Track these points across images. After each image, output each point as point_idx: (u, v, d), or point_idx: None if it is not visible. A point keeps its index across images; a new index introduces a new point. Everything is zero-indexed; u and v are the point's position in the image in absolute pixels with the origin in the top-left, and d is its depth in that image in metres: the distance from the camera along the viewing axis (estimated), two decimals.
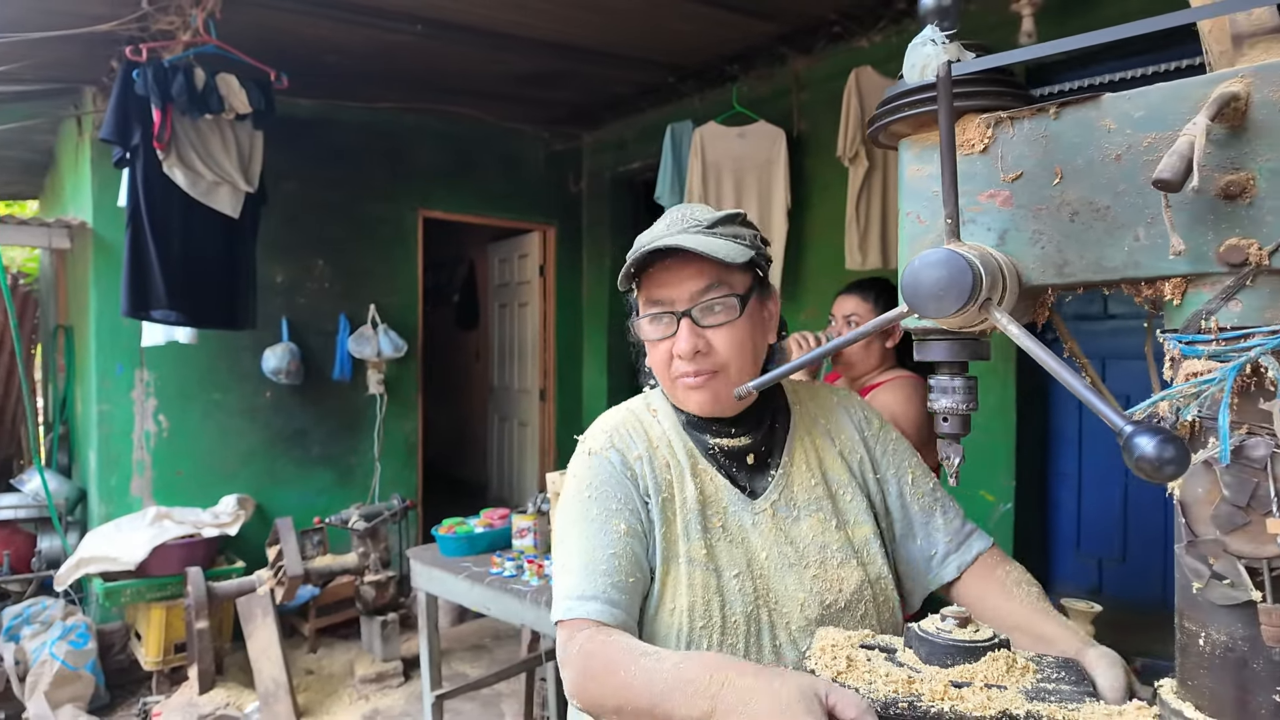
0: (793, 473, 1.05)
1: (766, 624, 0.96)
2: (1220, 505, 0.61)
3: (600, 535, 0.97)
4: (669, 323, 1.01)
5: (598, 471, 1.02)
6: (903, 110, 0.77)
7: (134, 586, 3.36)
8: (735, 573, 0.97)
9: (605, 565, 0.95)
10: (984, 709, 0.70)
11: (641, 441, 1.04)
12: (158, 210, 3.09)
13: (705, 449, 1.05)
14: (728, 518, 1.00)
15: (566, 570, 0.97)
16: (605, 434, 1.06)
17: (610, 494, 1.00)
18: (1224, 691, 0.64)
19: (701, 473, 1.03)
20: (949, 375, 0.77)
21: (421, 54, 3.67)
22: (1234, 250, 0.61)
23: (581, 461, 1.05)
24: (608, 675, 0.85)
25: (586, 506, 1.00)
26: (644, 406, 1.11)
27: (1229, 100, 0.60)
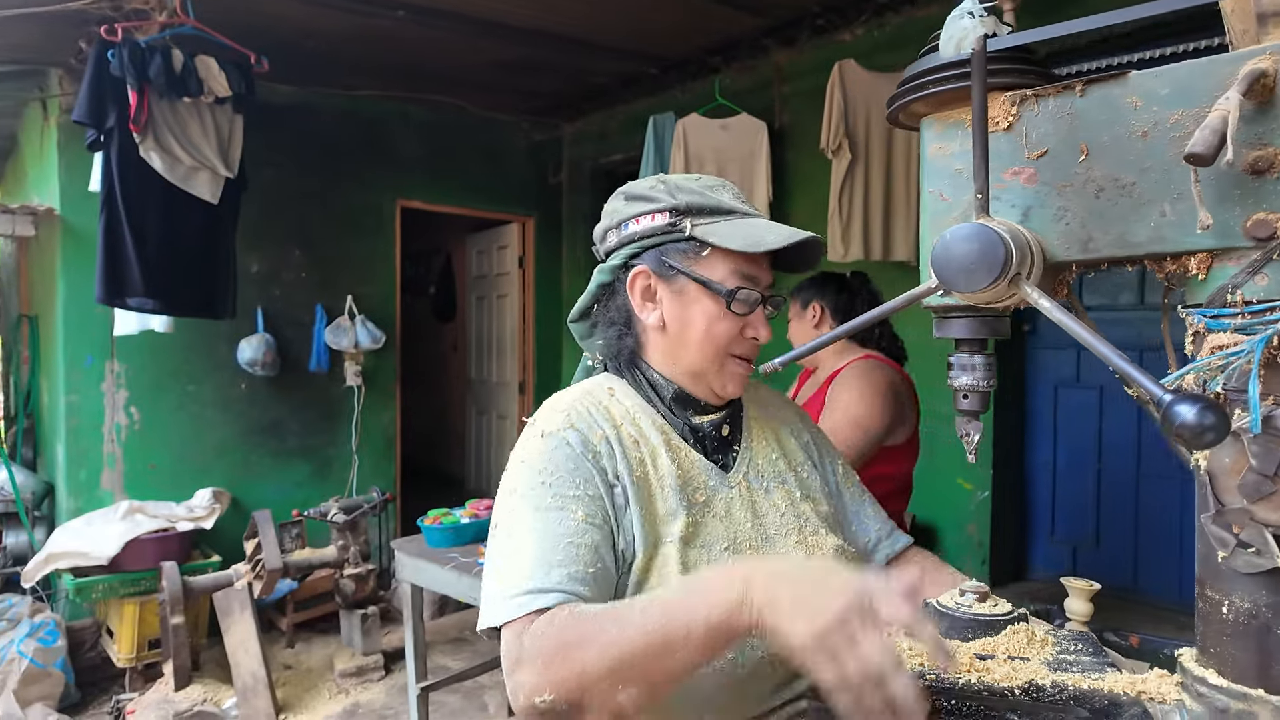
0: (755, 447, 1.06)
1: None
2: (1247, 474, 0.63)
3: (556, 525, 0.86)
4: (750, 303, 0.97)
5: (553, 454, 0.92)
6: (926, 88, 0.77)
7: (106, 582, 3.28)
8: (724, 546, 0.94)
9: (561, 555, 0.84)
10: (1010, 680, 0.71)
11: (605, 420, 0.96)
12: (133, 195, 3.00)
13: (682, 426, 1.01)
14: (708, 492, 0.97)
15: (513, 566, 0.84)
16: (561, 413, 0.97)
17: (567, 479, 0.90)
18: (1247, 657, 0.65)
19: (676, 449, 0.98)
20: (969, 353, 0.78)
21: (402, 40, 3.62)
22: (1261, 224, 0.62)
23: (532, 445, 0.94)
24: (584, 641, 0.74)
25: (539, 494, 0.89)
26: (599, 387, 1.02)
27: (1258, 77, 0.61)
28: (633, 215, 1.01)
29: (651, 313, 1.00)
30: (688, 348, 0.99)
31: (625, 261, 1.01)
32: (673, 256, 0.98)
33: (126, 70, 2.82)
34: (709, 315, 0.97)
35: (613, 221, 1.04)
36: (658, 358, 1.02)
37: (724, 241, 0.95)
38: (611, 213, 1.05)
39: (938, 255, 0.69)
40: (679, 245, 0.98)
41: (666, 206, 0.98)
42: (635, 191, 1.02)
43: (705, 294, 0.97)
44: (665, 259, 0.98)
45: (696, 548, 0.92)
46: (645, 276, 0.99)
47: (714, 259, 0.97)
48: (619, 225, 1.02)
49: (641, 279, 0.99)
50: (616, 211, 1.04)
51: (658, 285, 0.99)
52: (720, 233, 0.96)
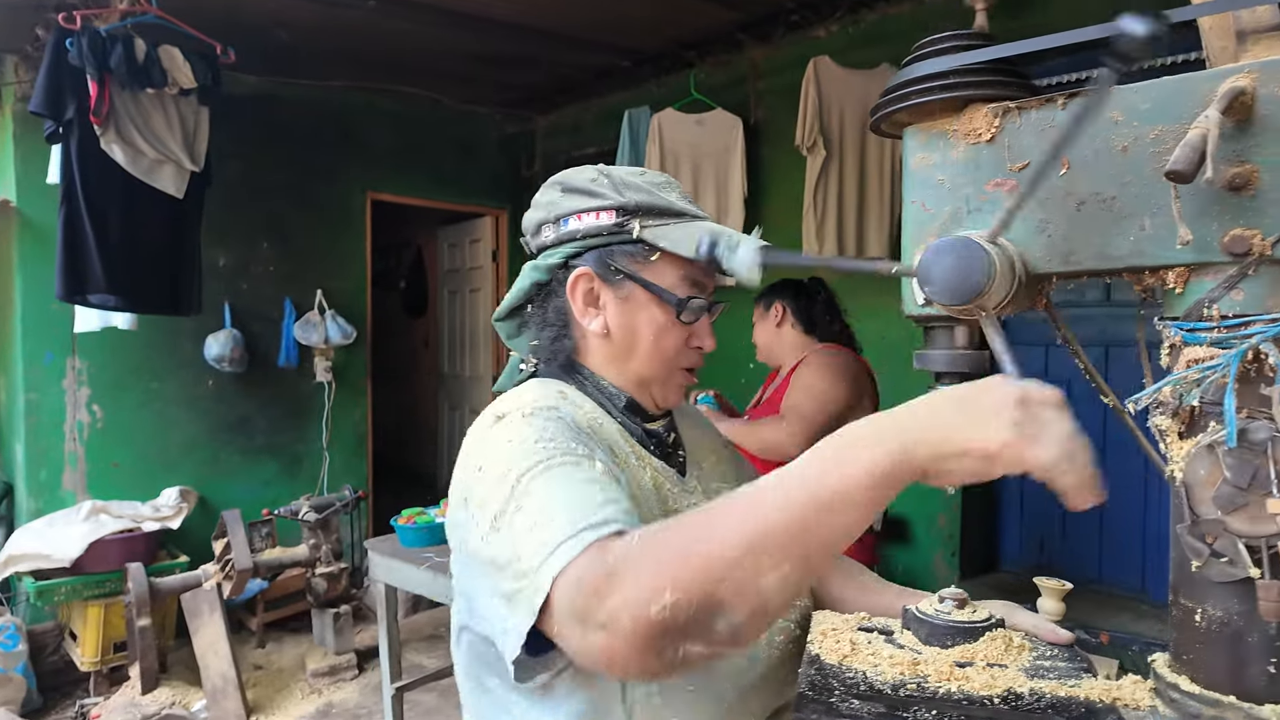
0: (693, 450, 1.03)
1: None
2: (1221, 486, 0.64)
3: (581, 472, 0.72)
4: (698, 311, 0.92)
5: (546, 424, 0.79)
6: (910, 99, 0.77)
7: (69, 584, 3.20)
8: None
9: (599, 497, 0.69)
10: (989, 688, 0.72)
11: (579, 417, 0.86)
12: (94, 188, 2.92)
13: (639, 433, 0.95)
14: (676, 500, 0.92)
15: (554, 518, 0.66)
16: (531, 399, 0.84)
17: (572, 444, 0.76)
18: (1219, 665, 0.66)
19: (642, 456, 0.92)
20: (951, 386, 0.78)
21: (373, 32, 3.55)
22: (1238, 240, 0.63)
23: (515, 426, 0.79)
24: (705, 529, 0.60)
25: (546, 456, 0.73)
26: (548, 391, 0.89)
27: (1237, 95, 0.62)
28: (573, 210, 0.92)
29: (594, 319, 0.92)
30: (634, 357, 0.93)
31: (564, 261, 0.93)
32: (619, 259, 0.91)
33: (86, 60, 2.74)
34: (657, 325, 0.91)
35: (549, 215, 0.94)
36: (599, 363, 0.95)
37: (675, 247, 0.88)
38: (547, 204, 0.95)
39: (925, 262, 0.69)
40: (626, 248, 0.90)
41: (613, 204, 0.90)
42: (575, 184, 0.93)
43: (654, 302, 0.91)
44: (611, 262, 0.91)
45: None
46: (588, 279, 0.91)
47: (663, 264, 0.90)
48: (557, 220, 0.93)
49: (584, 282, 0.91)
50: (554, 204, 0.94)
51: (601, 289, 0.92)
52: (671, 236, 0.89)
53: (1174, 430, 0.68)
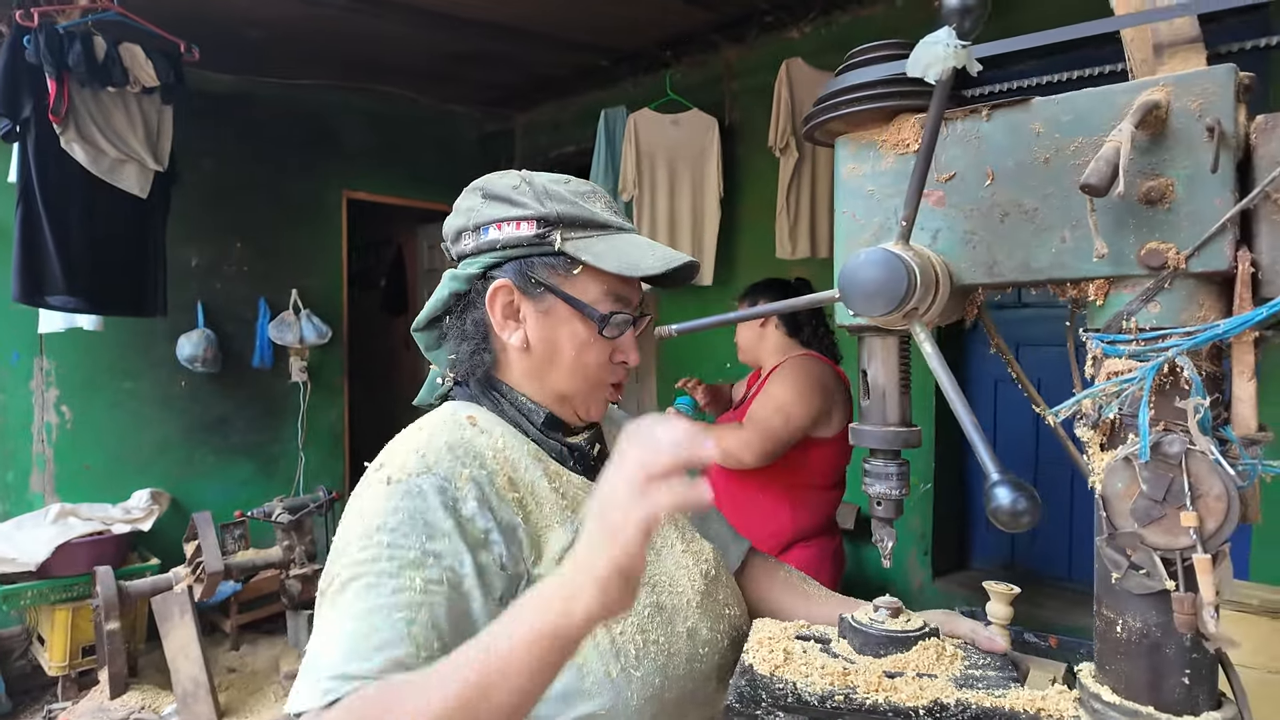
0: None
1: (670, 610, 0.87)
2: (1138, 500, 0.64)
3: (385, 597, 0.71)
4: (622, 326, 0.90)
5: (397, 506, 0.77)
6: (841, 108, 0.77)
7: (36, 588, 3.16)
8: None
9: (386, 635, 0.69)
10: (916, 699, 0.72)
11: (468, 456, 0.83)
12: (53, 188, 2.87)
13: (558, 449, 0.92)
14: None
15: (327, 648, 0.69)
16: (416, 454, 0.81)
17: (412, 535, 0.75)
18: (1139, 675, 0.67)
19: (555, 475, 0.89)
20: (884, 461, 0.78)
21: (348, 31, 3.52)
22: (1153, 254, 0.63)
23: (374, 494, 0.79)
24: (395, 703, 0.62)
25: (370, 558, 0.73)
26: (455, 419, 0.88)
27: (1151, 108, 0.62)
28: (494, 219, 0.90)
29: (514, 332, 0.90)
30: (555, 372, 0.91)
31: (484, 271, 0.90)
32: (540, 272, 0.89)
33: (43, 58, 2.69)
34: (579, 340, 0.89)
35: (469, 222, 0.92)
36: (518, 378, 0.93)
37: (598, 261, 0.87)
38: (468, 210, 0.93)
39: (844, 274, 0.69)
40: (547, 260, 0.89)
41: (534, 215, 0.88)
42: (496, 190, 0.91)
43: (575, 316, 0.89)
44: (531, 274, 0.89)
45: None
46: (508, 292, 0.89)
47: (585, 278, 0.89)
48: (477, 228, 0.91)
49: (503, 294, 0.89)
50: (474, 211, 0.92)
51: (521, 302, 0.90)
52: (594, 250, 0.88)
53: (1095, 442, 0.68)
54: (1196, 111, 0.62)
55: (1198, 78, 0.62)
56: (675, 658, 0.84)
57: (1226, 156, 0.61)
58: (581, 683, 0.78)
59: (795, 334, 2.24)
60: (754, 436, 1.98)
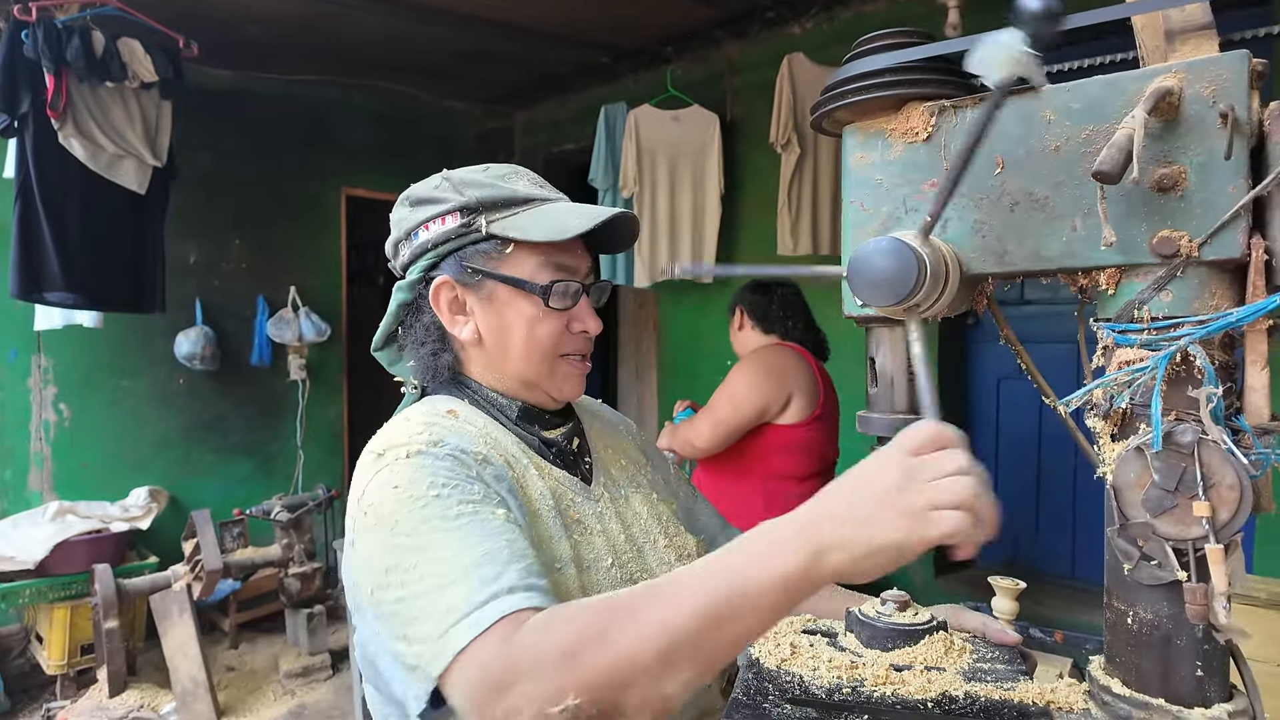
0: (601, 456, 1.00)
1: None
2: (1150, 489, 0.64)
3: (480, 526, 0.71)
4: (571, 295, 0.90)
5: (437, 465, 0.77)
6: (848, 97, 0.76)
7: (34, 586, 3.15)
8: (608, 563, 0.87)
9: (505, 554, 0.69)
10: (924, 692, 0.72)
11: (469, 440, 0.83)
12: (52, 184, 2.85)
13: (536, 444, 0.92)
14: (579, 509, 0.90)
15: (445, 592, 0.66)
16: (418, 434, 0.81)
17: (467, 486, 0.76)
18: (1149, 667, 0.66)
19: (541, 467, 0.90)
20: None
21: (348, 26, 3.51)
22: (1165, 242, 0.63)
23: (400, 469, 0.77)
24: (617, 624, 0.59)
25: (443, 505, 0.72)
26: (435, 412, 0.88)
27: (1163, 95, 0.61)
28: (421, 221, 0.91)
29: (464, 326, 0.90)
30: (512, 357, 0.90)
31: (424, 275, 0.91)
32: (474, 260, 0.89)
33: (42, 53, 2.67)
34: (527, 317, 0.89)
35: (401, 232, 0.93)
36: (482, 372, 0.93)
37: (526, 234, 0.87)
38: (398, 222, 0.94)
39: (855, 260, 0.68)
40: (478, 246, 0.89)
41: (456, 206, 0.89)
42: (419, 195, 0.92)
43: (518, 295, 0.88)
44: (466, 264, 0.89)
45: (584, 570, 0.85)
46: (449, 287, 0.90)
47: (520, 255, 0.88)
48: (408, 235, 0.92)
49: (445, 290, 0.90)
50: (403, 220, 0.93)
51: (464, 295, 0.90)
52: (521, 225, 0.87)
53: (1106, 432, 0.68)
54: (1209, 98, 0.61)
55: (1210, 64, 0.61)
56: None
57: (1240, 143, 0.60)
58: None
59: (769, 330, 2.30)
60: (703, 423, 2.09)
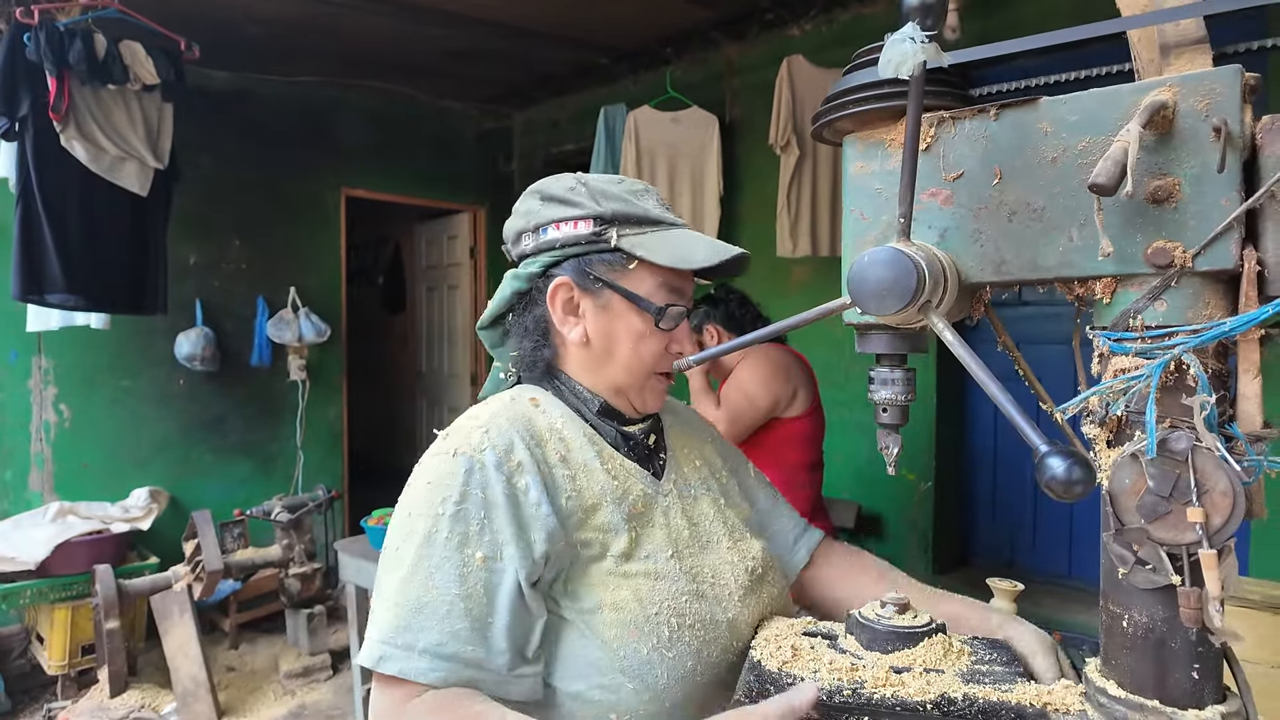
0: (678, 455, 1.04)
1: (712, 599, 0.90)
2: (1145, 495, 0.65)
3: (445, 567, 0.79)
4: (676, 317, 0.94)
5: (462, 480, 0.83)
6: (848, 107, 0.77)
7: (35, 587, 3.16)
8: (668, 554, 0.90)
9: (444, 608, 0.78)
10: (923, 694, 0.73)
11: (528, 437, 0.89)
12: (53, 186, 2.86)
13: (612, 435, 0.96)
14: (645, 501, 0.93)
15: (391, 603, 0.79)
16: (479, 429, 0.87)
17: (472, 512, 0.82)
18: (1145, 670, 0.67)
19: (609, 459, 0.93)
20: (889, 368, 0.79)
21: (347, 27, 3.52)
22: (1160, 252, 0.64)
23: (442, 464, 0.85)
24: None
25: (435, 525, 0.81)
26: (519, 398, 0.94)
27: (1158, 108, 0.62)
28: (552, 220, 0.94)
29: (574, 328, 0.94)
30: (613, 364, 0.95)
31: (544, 270, 0.95)
32: (597, 268, 0.93)
33: (44, 55, 2.68)
34: (635, 332, 0.93)
35: (529, 224, 0.96)
36: (578, 370, 0.97)
37: (652, 255, 0.91)
38: (526, 213, 0.97)
39: (853, 276, 0.69)
40: (604, 256, 0.93)
41: (590, 214, 0.92)
42: (553, 192, 0.95)
43: (632, 310, 0.93)
44: (589, 271, 0.93)
45: (638, 560, 0.88)
46: (567, 289, 0.94)
47: (641, 272, 0.93)
48: (536, 229, 0.96)
49: (563, 291, 0.94)
50: (532, 213, 0.96)
51: (580, 298, 0.94)
52: (649, 245, 0.92)
53: (1102, 439, 0.69)
54: (1203, 111, 0.62)
55: (1204, 78, 0.63)
56: (712, 644, 0.87)
57: (1233, 156, 0.61)
58: (610, 655, 0.82)
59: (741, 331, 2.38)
60: (724, 417, 2.18)
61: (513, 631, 0.80)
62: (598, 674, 0.82)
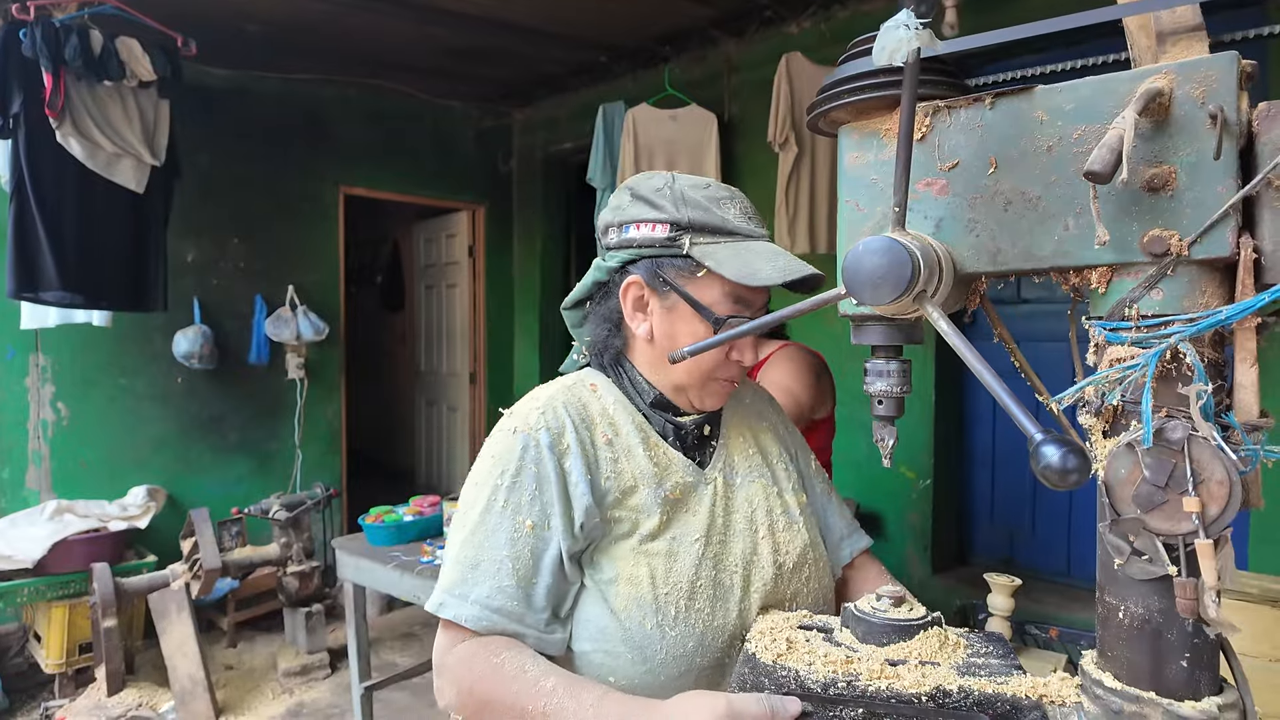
0: (731, 444, 1.07)
1: (729, 587, 0.94)
2: (1141, 485, 0.64)
3: (499, 531, 0.91)
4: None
5: (519, 455, 0.94)
6: (843, 97, 0.77)
7: (32, 585, 3.15)
8: (695, 538, 0.95)
9: (494, 567, 0.90)
10: (919, 686, 0.72)
11: (579, 418, 0.97)
12: (47, 184, 2.85)
13: (661, 424, 1.02)
14: (683, 488, 0.98)
15: (454, 560, 0.92)
16: (537, 411, 0.97)
17: (526, 484, 0.92)
18: (1140, 661, 0.67)
19: (654, 446, 0.99)
20: (884, 359, 0.79)
21: (345, 25, 3.51)
22: (1156, 241, 0.64)
23: (503, 441, 0.96)
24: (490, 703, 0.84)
25: (494, 494, 0.93)
26: (580, 382, 1.03)
27: (1154, 96, 0.62)
28: (635, 219, 0.99)
29: (641, 324, 1.00)
30: (673, 365, 0.98)
31: (621, 265, 1.00)
32: (668, 271, 0.97)
33: (40, 52, 2.67)
34: (696, 338, 0.95)
35: (615, 219, 1.01)
36: (643, 363, 1.03)
37: (719, 267, 0.93)
38: (617, 208, 1.02)
39: (848, 266, 0.69)
40: (675, 262, 0.97)
41: (669, 219, 0.96)
42: (643, 192, 1.00)
43: (695, 316, 0.96)
44: (660, 273, 0.97)
45: (663, 539, 0.94)
46: (639, 287, 0.99)
47: (709, 280, 0.96)
48: (621, 225, 1.00)
49: (634, 289, 0.99)
50: (621, 209, 1.01)
51: (650, 297, 0.99)
52: (718, 256, 0.94)
53: (1098, 429, 0.69)
54: (1199, 99, 0.62)
55: (1200, 65, 0.62)
56: (717, 632, 0.91)
57: (1229, 143, 0.61)
58: (616, 624, 0.90)
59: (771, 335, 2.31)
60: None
61: (552, 593, 0.91)
62: (604, 639, 0.90)
